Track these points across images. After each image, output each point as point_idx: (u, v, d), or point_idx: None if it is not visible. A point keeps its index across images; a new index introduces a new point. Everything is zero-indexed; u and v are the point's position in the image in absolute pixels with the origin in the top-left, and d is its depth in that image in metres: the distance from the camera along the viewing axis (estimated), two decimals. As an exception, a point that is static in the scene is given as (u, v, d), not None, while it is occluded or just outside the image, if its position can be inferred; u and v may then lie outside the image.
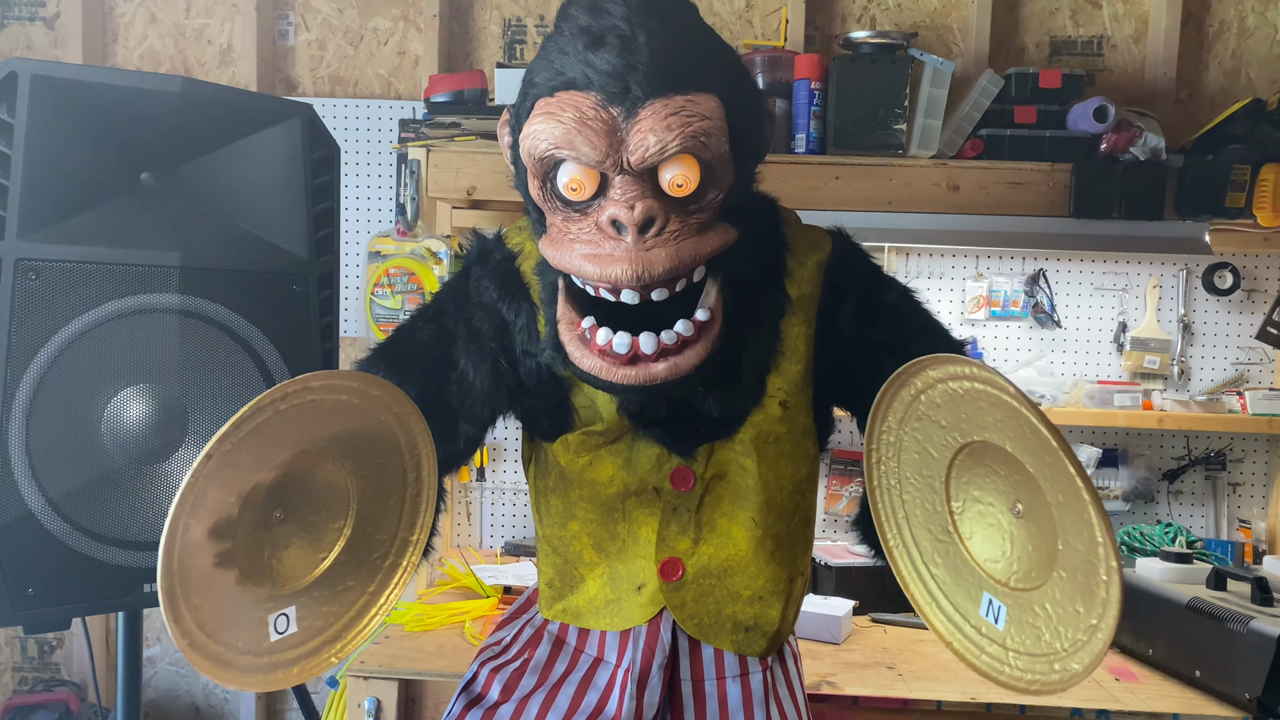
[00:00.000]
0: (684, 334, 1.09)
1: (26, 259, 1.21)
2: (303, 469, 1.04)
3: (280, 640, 1.04)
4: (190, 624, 0.94)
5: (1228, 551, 2.53)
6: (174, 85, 1.31)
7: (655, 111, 1.03)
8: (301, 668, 1.06)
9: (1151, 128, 2.22)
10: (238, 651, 1.00)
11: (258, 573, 1.01)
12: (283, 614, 1.04)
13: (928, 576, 1.10)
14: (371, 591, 1.13)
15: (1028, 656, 0.97)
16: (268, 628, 1.02)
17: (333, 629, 1.09)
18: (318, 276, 1.44)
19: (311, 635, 1.07)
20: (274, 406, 0.97)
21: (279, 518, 1.03)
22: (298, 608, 1.05)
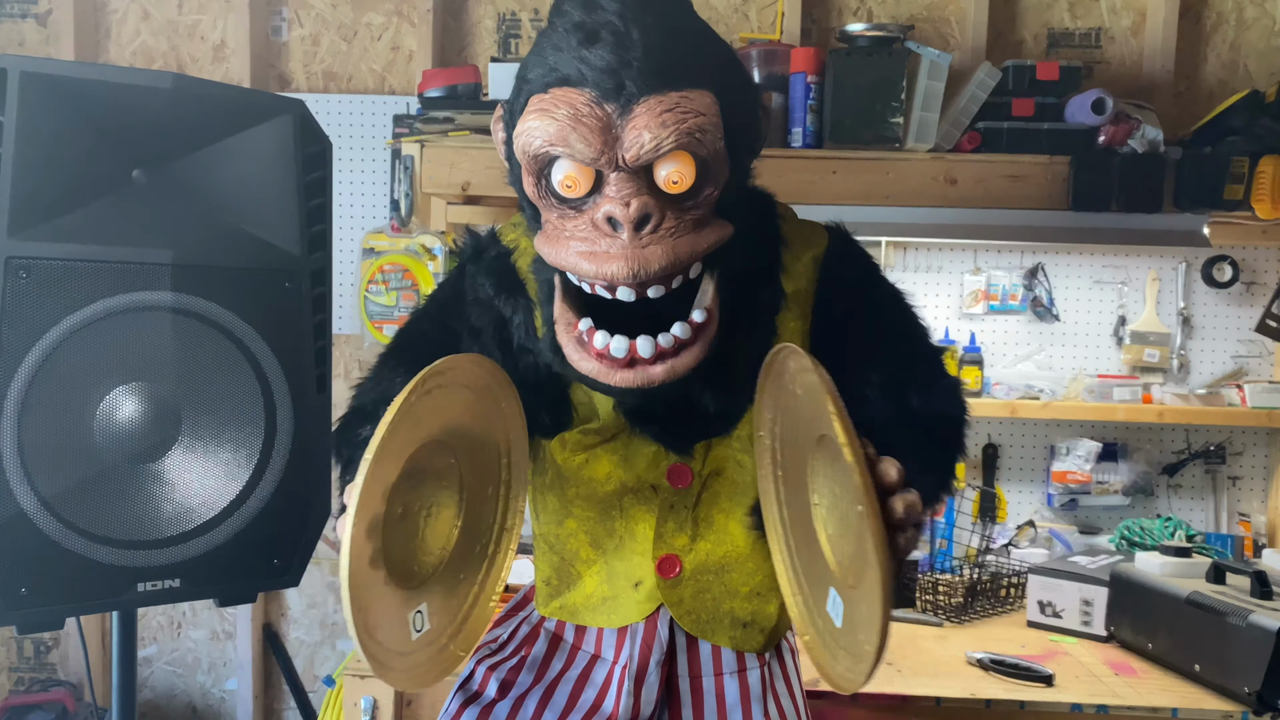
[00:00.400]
0: (681, 337, 1.09)
1: (17, 257, 1.20)
2: (422, 461, 1.03)
3: (420, 638, 1.03)
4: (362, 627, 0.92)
5: (1228, 545, 2.52)
6: (165, 82, 1.29)
7: (650, 108, 1.02)
8: (436, 665, 1.05)
9: (1150, 120, 2.21)
10: (392, 653, 0.98)
11: (396, 570, 1.00)
12: (418, 611, 1.03)
13: (797, 567, 1.10)
14: (480, 581, 1.13)
15: (850, 656, 0.95)
16: (409, 626, 1.01)
17: (454, 623, 1.09)
18: (310, 273, 1.42)
19: (440, 632, 1.07)
20: (410, 401, 0.95)
21: (400, 514, 1.02)
22: (428, 604, 1.04)
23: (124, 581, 1.29)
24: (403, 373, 1.24)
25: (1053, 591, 2.17)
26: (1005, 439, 2.68)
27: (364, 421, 1.23)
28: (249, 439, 1.37)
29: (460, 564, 1.11)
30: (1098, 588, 2.11)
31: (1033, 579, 2.20)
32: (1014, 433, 2.67)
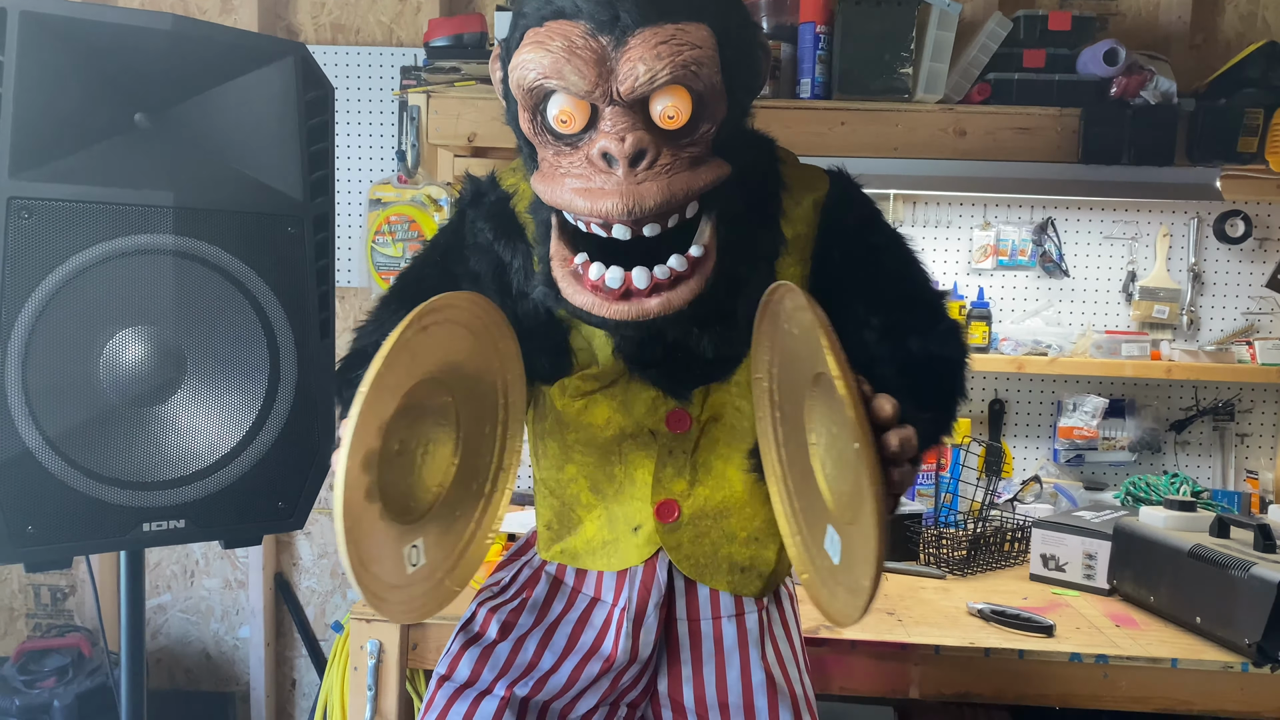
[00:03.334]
0: (677, 269, 1.08)
1: (19, 198, 1.21)
2: (419, 398, 1.03)
3: (415, 573, 1.04)
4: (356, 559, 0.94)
5: (1234, 502, 2.52)
6: (165, 23, 1.29)
7: (644, 40, 1.01)
8: (431, 599, 1.07)
9: (1163, 71, 2.18)
10: (386, 586, 1.00)
11: (393, 505, 1.01)
12: (414, 546, 1.04)
13: (796, 507, 1.11)
14: (477, 519, 1.15)
15: (847, 592, 0.96)
16: (404, 560, 1.02)
17: (450, 559, 1.11)
18: (313, 218, 1.42)
19: (435, 567, 1.08)
20: (406, 336, 0.96)
21: (397, 450, 1.02)
22: (423, 539, 1.06)
23: (130, 521, 1.31)
24: (402, 315, 1.25)
25: (1056, 545, 2.17)
26: (1012, 395, 2.67)
27: (364, 363, 1.23)
28: (253, 383, 1.38)
29: (457, 501, 1.12)
30: (1101, 541, 2.11)
31: (1036, 532, 2.20)
32: (1021, 388, 2.67)
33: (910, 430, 0.94)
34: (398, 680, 1.84)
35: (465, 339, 1.07)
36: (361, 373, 1.20)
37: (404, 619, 1.03)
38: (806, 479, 1.07)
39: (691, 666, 1.31)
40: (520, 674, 1.28)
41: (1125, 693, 1.79)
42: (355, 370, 1.24)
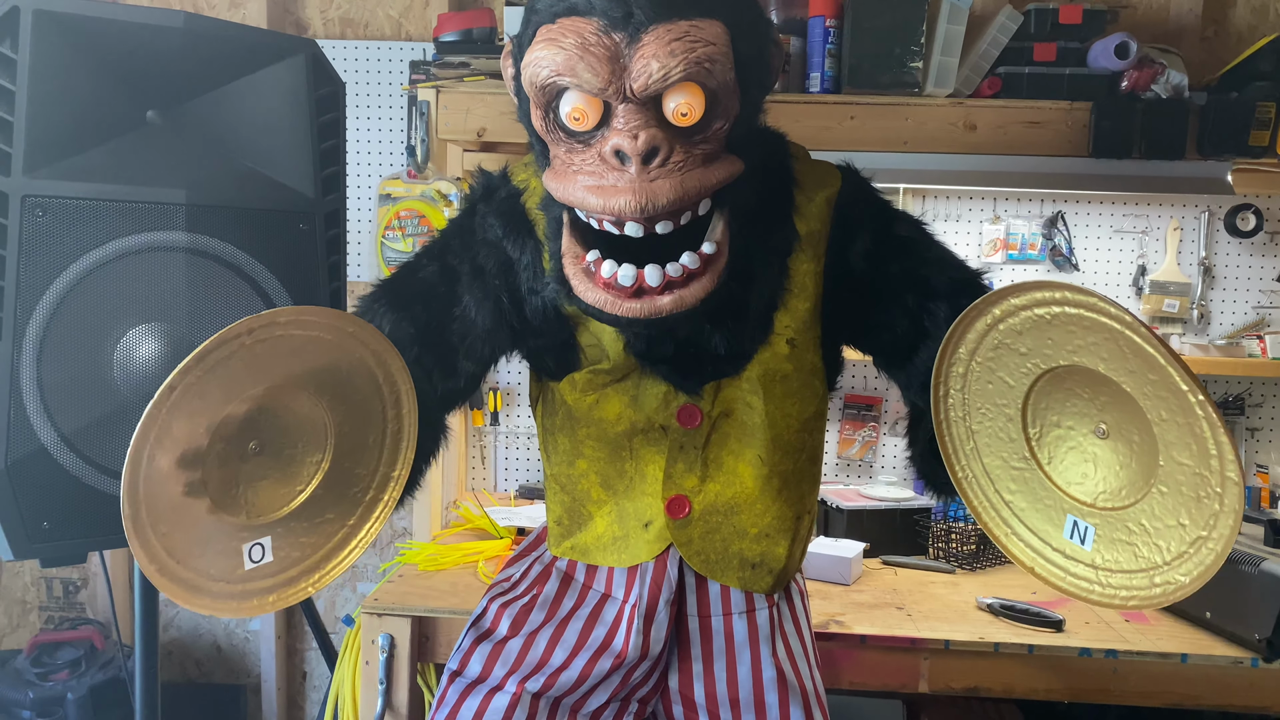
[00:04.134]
0: (690, 266, 1.08)
1: (33, 195, 1.22)
2: (277, 403, 1.05)
3: (255, 569, 1.06)
4: (159, 550, 0.97)
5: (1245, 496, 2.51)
6: (177, 21, 1.30)
7: (658, 37, 1.01)
8: (277, 596, 1.08)
9: (1174, 65, 2.17)
10: (210, 579, 1.02)
11: (231, 503, 1.03)
12: (258, 544, 1.06)
13: (1001, 505, 1.11)
14: (351, 525, 1.15)
15: (1122, 574, 0.99)
16: (242, 556, 1.05)
17: (311, 559, 1.11)
18: (324, 215, 1.43)
19: (289, 565, 1.09)
20: (239, 340, 0.98)
21: (254, 450, 1.05)
22: (274, 538, 1.07)
23: (144, 517, 1.32)
24: (384, 308, 1.24)
25: (1065, 540, 2.17)
26: (1022, 389, 2.66)
27: None
28: (264, 379, 1.39)
29: (328, 504, 1.12)
30: (1111, 536, 2.11)
31: (1046, 527, 2.20)
32: (1031, 383, 2.66)
33: None
34: (409, 674, 1.85)
35: (331, 351, 1.08)
36: None
37: (231, 613, 1.05)
38: (1022, 474, 1.08)
39: (702, 663, 1.31)
40: (532, 670, 1.28)
41: (1135, 688, 1.79)
42: None
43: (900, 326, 1.25)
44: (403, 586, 1.96)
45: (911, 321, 1.23)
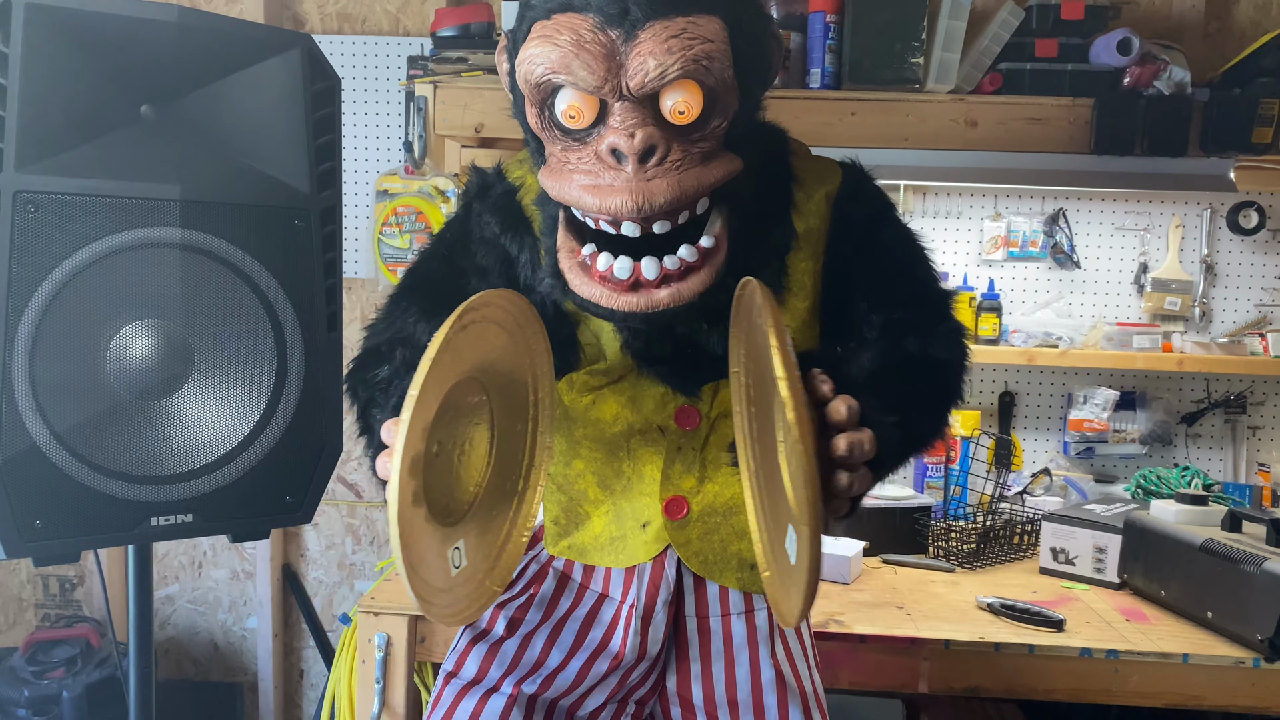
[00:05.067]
0: (688, 259, 1.07)
1: (25, 191, 1.20)
2: (456, 398, 1.01)
3: (458, 574, 1.02)
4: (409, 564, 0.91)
5: (1245, 495, 2.50)
6: (170, 15, 1.28)
7: (655, 34, 0.99)
8: (474, 601, 1.05)
9: (1177, 61, 2.15)
10: (433, 589, 0.97)
11: (435, 508, 0.99)
12: (456, 548, 1.02)
13: (764, 505, 1.09)
14: (511, 517, 1.13)
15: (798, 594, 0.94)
16: (448, 563, 1.00)
17: (489, 560, 1.09)
18: (320, 211, 1.41)
19: (476, 568, 1.06)
20: (458, 325, 0.94)
21: (435, 452, 1.00)
22: (464, 541, 1.04)
23: (138, 516, 1.31)
24: (415, 313, 1.23)
25: (1066, 538, 2.16)
26: (1022, 387, 2.66)
27: (379, 363, 1.21)
28: (260, 376, 1.37)
29: (493, 501, 1.11)
30: (1111, 535, 2.10)
31: (1046, 526, 2.19)
32: (1031, 380, 2.65)
33: (864, 435, 0.92)
34: (405, 673, 1.84)
35: (500, 337, 1.06)
36: (382, 372, 1.19)
37: (451, 622, 1.01)
38: (773, 477, 1.05)
39: (700, 664, 1.30)
40: (528, 671, 1.27)
41: (1136, 688, 1.78)
42: (370, 370, 1.22)
43: (849, 331, 1.24)
44: (399, 585, 1.95)
45: (858, 326, 1.22)
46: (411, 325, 1.22)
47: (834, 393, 0.94)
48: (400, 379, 1.13)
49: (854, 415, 0.92)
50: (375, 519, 2.90)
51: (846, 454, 0.90)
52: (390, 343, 1.21)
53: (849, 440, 0.91)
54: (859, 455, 0.91)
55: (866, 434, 0.92)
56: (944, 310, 1.27)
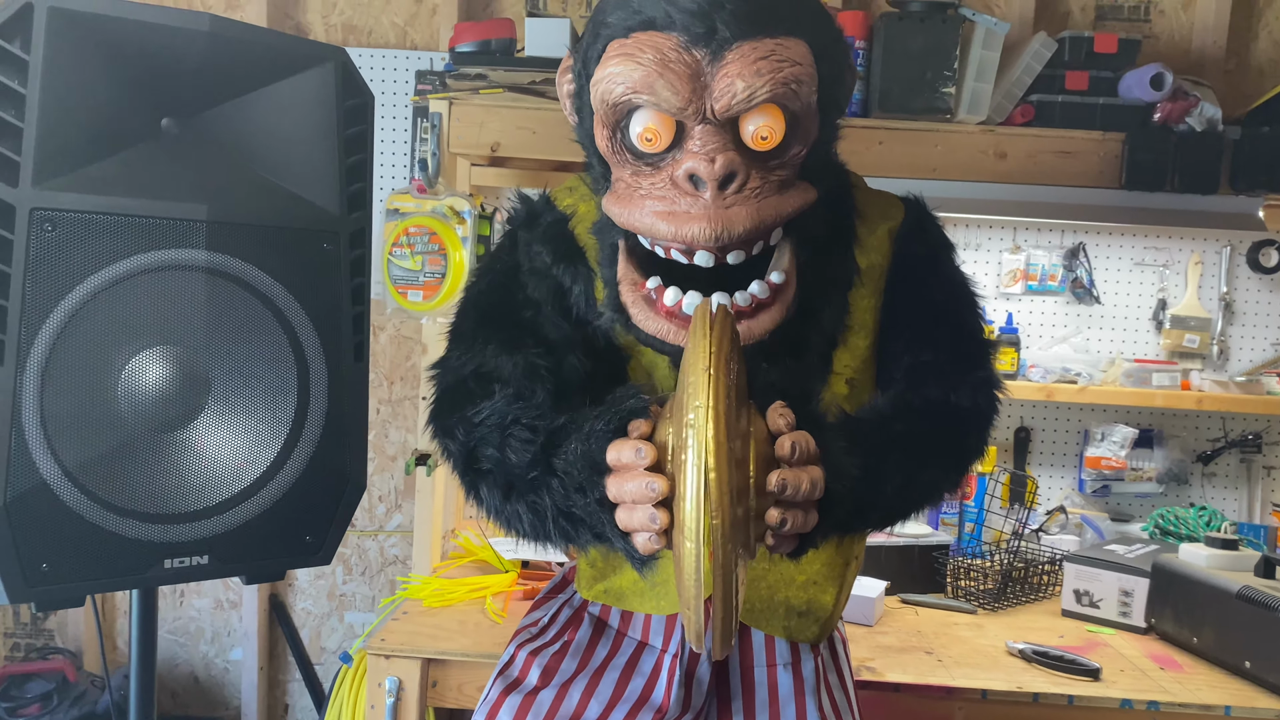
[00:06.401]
0: (759, 295, 1.02)
1: (42, 208, 1.11)
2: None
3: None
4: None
5: (1260, 535, 2.47)
6: (203, 24, 1.20)
7: (744, 55, 0.94)
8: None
9: (1208, 97, 2.13)
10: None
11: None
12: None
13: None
14: None
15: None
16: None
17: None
18: (350, 234, 1.34)
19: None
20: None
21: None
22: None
23: (149, 557, 1.22)
24: (494, 346, 1.14)
25: (1090, 581, 2.11)
26: (1039, 423, 2.61)
27: (471, 401, 1.09)
28: (281, 408, 1.29)
29: None
30: (1138, 578, 2.05)
31: (1069, 567, 2.14)
32: (1048, 416, 2.61)
33: (804, 474, 0.88)
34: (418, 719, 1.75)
35: None
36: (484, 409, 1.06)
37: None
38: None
39: (744, 716, 1.24)
40: (568, 726, 1.20)
41: (1177, 741, 1.72)
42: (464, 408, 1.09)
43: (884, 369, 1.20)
44: (409, 625, 1.86)
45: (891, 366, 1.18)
46: (493, 359, 1.13)
47: (790, 428, 0.90)
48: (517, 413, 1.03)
49: (802, 453, 0.89)
50: (367, 548, 2.80)
51: (776, 489, 0.87)
52: (478, 378, 1.12)
53: (780, 475, 0.87)
54: (793, 492, 0.87)
55: (808, 473, 0.89)
56: (979, 359, 1.20)
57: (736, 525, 0.82)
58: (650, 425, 0.91)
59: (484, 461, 1.05)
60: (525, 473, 1.00)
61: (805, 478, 0.88)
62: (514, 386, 1.09)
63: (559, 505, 0.98)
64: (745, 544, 0.88)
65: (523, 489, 1.01)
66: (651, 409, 0.93)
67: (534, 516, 1.01)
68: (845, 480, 0.94)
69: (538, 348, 1.14)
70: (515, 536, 1.08)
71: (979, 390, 1.17)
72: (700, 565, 0.79)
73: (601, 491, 0.91)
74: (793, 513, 0.89)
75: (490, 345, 1.14)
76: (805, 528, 0.91)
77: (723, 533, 0.79)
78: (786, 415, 0.91)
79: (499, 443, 1.02)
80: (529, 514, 1.02)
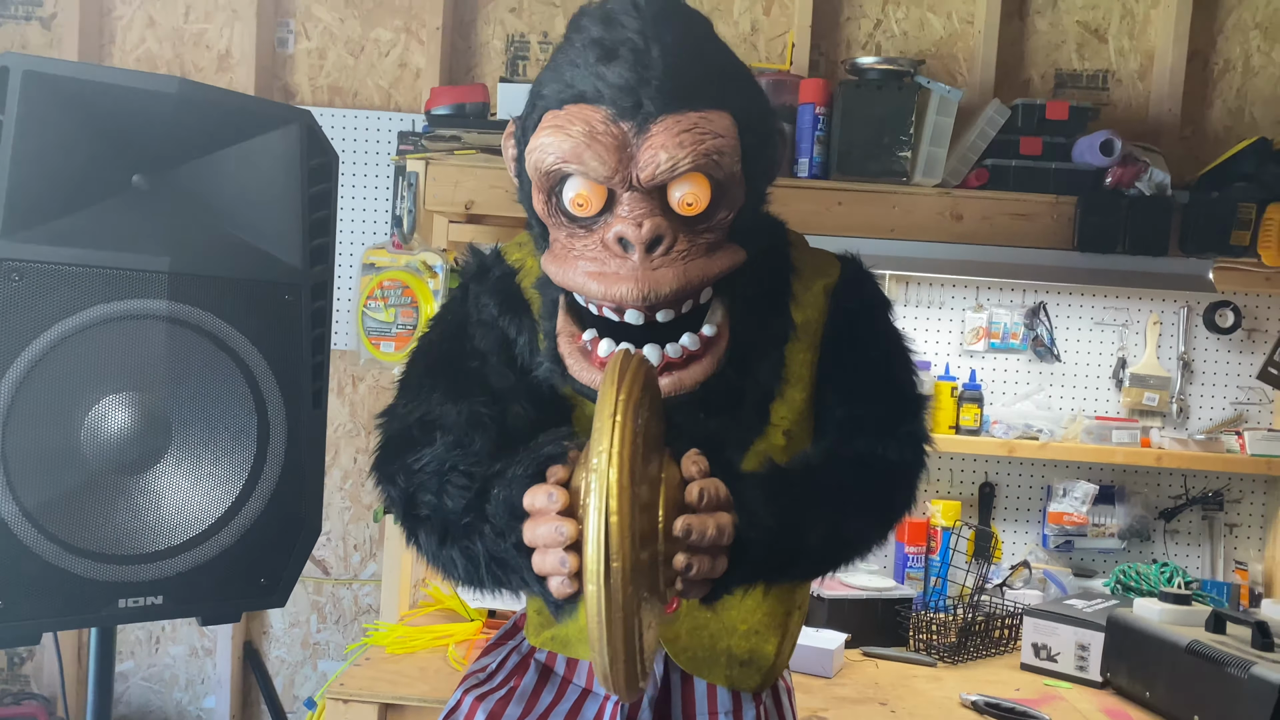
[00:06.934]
0: (690, 347, 1.06)
1: (10, 259, 1.17)
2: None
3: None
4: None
5: (1223, 593, 2.50)
6: (171, 86, 1.27)
7: (667, 128, 0.99)
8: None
9: (1157, 163, 2.21)
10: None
11: None
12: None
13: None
14: None
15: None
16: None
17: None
18: (311, 287, 1.40)
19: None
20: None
21: None
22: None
23: (105, 597, 1.26)
24: (440, 395, 1.17)
25: (1048, 634, 2.14)
26: (1002, 478, 2.65)
27: (413, 448, 1.12)
28: (240, 453, 1.34)
29: None
30: (1094, 632, 2.08)
31: (1028, 621, 2.17)
32: (1011, 472, 2.65)
33: (710, 520, 0.91)
34: (374, 764, 1.77)
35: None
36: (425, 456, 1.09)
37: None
38: None
39: (685, 764, 1.25)
40: (510, 770, 1.22)
41: (1124, 794, 1.74)
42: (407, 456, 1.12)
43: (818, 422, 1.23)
44: (370, 671, 1.88)
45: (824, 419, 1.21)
46: (438, 407, 1.16)
47: (703, 475, 0.93)
48: (454, 461, 1.06)
49: (710, 499, 0.92)
50: (341, 597, 2.82)
51: (681, 534, 0.90)
52: (422, 426, 1.14)
53: (684, 521, 0.90)
54: (698, 538, 0.90)
55: (715, 518, 0.91)
56: (910, 414, 1.23)
57: (639, 569, 0.84)
58: (568, 471, 0.95)
59: (422, 508, 1.08)
60: (459, 518, 1.03)
61: (711, 523, 0.91)
62: (455, 434, 1.11)
63: (490, 551, 1.00)
64: (652, 588, 0.90)
65: (457, 534, 1.04)
66: (570, 454, 0.97)
67: (468, 562, 1.04)
68: (759, 529, 0.96)
69: (482, 396, 1.17)
70: (454, 582, 1.11)
71: (907, 444, 1.20)
72: (601, 607, 0.82)
73: (518, 536, 0.94)
74: (699, 558, 0.91)
75: (435, 394, 1.18)
76: (714, 573, 0.94)
77: (623, 575, 0.81)
78: (699, 463, 0.94)
79: (437, 489, 1.05)
80: (463, 559, 1.05)
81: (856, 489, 1.14)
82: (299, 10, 2.73)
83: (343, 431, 2.78)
